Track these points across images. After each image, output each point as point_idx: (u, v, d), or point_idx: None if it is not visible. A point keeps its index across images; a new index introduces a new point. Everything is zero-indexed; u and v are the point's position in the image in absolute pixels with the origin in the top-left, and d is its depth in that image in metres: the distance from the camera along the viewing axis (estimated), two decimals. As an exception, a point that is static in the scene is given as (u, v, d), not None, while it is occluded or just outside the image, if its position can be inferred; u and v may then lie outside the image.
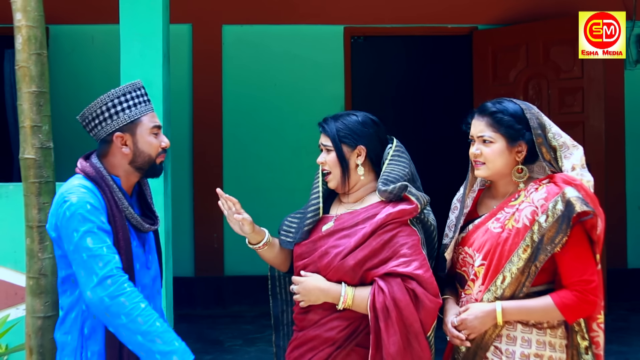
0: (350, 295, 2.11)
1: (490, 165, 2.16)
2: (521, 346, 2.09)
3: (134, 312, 1.98)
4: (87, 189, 2.10)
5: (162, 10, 3.33)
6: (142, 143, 2.17)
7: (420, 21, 6.10)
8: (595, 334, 2.14)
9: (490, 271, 2.11)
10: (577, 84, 5.49)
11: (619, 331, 5.12)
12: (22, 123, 2.37)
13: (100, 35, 5.89)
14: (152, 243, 2.30)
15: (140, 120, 2.17)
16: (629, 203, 6.08)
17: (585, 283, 2.05)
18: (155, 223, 2.26)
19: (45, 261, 2.31)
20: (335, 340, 2.14)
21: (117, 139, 2.16)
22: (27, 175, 2.35)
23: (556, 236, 2.03)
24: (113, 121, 2.15)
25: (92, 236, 2.02)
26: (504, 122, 2.14)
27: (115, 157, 2.18)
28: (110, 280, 1.99)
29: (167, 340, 1.99)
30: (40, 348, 2.33)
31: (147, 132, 2.18)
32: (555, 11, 5.77)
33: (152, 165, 2.21)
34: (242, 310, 5.88)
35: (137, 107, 2.18)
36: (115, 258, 2.04)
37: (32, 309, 2.34)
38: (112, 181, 2.14)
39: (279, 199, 5.73)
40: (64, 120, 5.56)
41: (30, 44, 2.31)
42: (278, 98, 6.08)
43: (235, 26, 6.06)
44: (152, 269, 2.27)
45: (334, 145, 2.23)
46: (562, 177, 2.10)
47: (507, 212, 2.14)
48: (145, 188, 2.30)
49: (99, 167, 2.15)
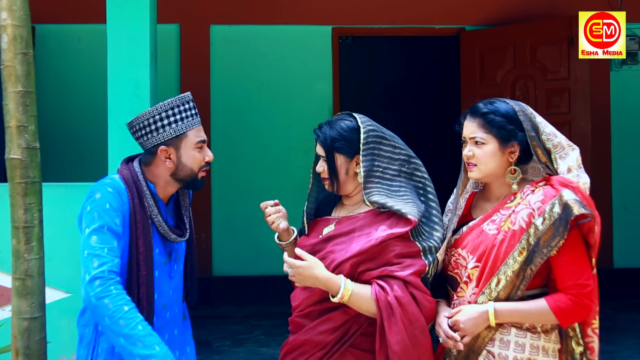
0: (349, 289, 2.07)
1: (483, 167, 2.14)
2: (514, 350, 2.05)
3: (117, 315, 2.00)
4: (115, 189, 2.13)
5: (150, 10, 3.31)
6: (185, 157, 2.20)
7: (408, 22, 6.12)
8: (590, 340, 2.11)
9: (485, 273, 2.08)
10: (563, 84, 5.54)
11: (605, 330, 5.10)
12: (7, 123, 2.35)
13: (87, 35, 5.86)
14: (181, 253, 2.31)
15: (186, 135, 2.20)
16: (615, 203, 6.13)
17: (580, 287, 2.02)
18: (184, 235, 2.27)
19: (32, 262, 2.29)
20: (326, 343, 2.12)
21: (161, 153, 2.18)
22: (13, 176, 2.33)
23: (553, 239, 2.00)
24: (159, 134, 2.18)
25: (99, 235, 2.06)
26: (496, 123, 2.12)
27: (158, 168, 2.21)
28: (99, 281, 2.02)
29: (148, 344, 2.01)
30: (26, 350, 2.31)
31: (191, 146, 2.20)
32: (542, 12, 5.82)
33: (194, 179, 2.23)
34: (231, 311, 5.87)
35: (184, 122, 2.20)
36: (114, 261, 2.05)
37: (18, 310, 2.32)
38: (147, 187, 2.17)
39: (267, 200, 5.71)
40: (51, 120, 5.54)
41: (16, 43, 2.29)
42: (266, 98, 6.08)
43: (223, 26, 6.05)
44: (175, 278, 2.28)
45: (327, 158, 2.21)
46: (558, 180, 2.08)
47: (502, 214, 2.12)
48: (184, 198, 2.32)
49: (135, 172, 2.18)
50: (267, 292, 5.90)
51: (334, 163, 2.21)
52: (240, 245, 5.93)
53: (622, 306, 5.87)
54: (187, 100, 2.23)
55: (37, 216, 2.27)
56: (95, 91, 5.39)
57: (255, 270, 5.96)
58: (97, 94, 4.93)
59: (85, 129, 5.73)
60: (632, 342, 4.96)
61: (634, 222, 6.14)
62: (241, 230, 5.87)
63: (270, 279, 5.51)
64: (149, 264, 2.13)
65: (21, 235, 2.34)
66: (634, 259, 6.14)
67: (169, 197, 2.27)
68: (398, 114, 7.82)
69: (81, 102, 5.90)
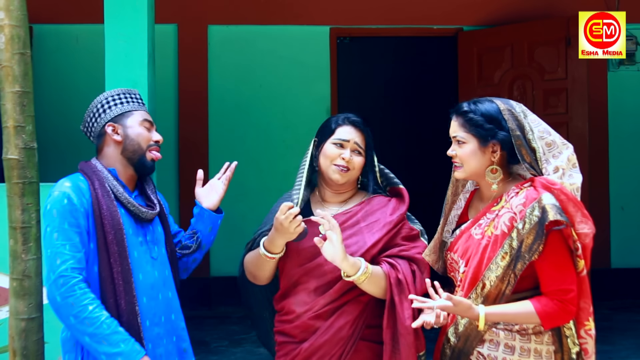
0: (370, 267, 2.12)
1: (466, 167, 2.14)
2: (503, 352, 2.05)
3: (82, 315, 2.03)
4: (74, 183, 2.17)
5: (147, 10, 3.31)
6: (132, 132, 2.26)
7: (406, 22, 6.11)
8: (584, 341, 2.09)
9: (469, 278, 2.08)
10: (561, 85, 5.54)
11: (602, 330, 5.12)
12: (5, 123, 2.34)
13: (84, 35, 5.84)
14: (159, 236, 2.31)
15: (131, 113, 2.29)
16: (612, 203, 6.13)
17: (563, 293, 2.00)
18: (154, 208, 2.29)
19: (29, 262, 2.29)
20: (345, 339, 2.15)
21: (108, 128, 2.26)
22: (11, 176, 2.33)
23: (534, 243, 1.99)
24: (106, 114, 2.28)
25: (59, 232, 2.09)
26: (474, 122, 2.11)
27: (109, 148, 2.27)
28: (62, 280, 2.05)
29: (113, 342, 2.04)
30: (24, 350, 2.31)
31: (137, 123, 2.28)
32: (539, 13, 5.82)
33: (142, 158, 2.26)
34: (229, 311, 5.86)
35: (130, 104, 2.30)
36: (77, 257, 2.07)
37: (15, 310, 2.32)
38: (108, 172, 2.21)
39: (265, 200, 5.65)
40: (48, 120, 5.53)
41: (14, 43, 2.29)
42: (264, 99, 6.07)
43: (221, 26, 6.05)
44: (159, 260, 2.28)
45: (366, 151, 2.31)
46: (541, 182, 2.04)
47: (488, 218, 2.11)
48: (148, 185, 2.35)
49: (93, 163, 2.25)
50: (265, 292, 5.89)
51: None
52: (238, 245, 5.89)
53: (620, 306, 5.87)
54: (134, 92, 2.34)
55: (35, 216, 2.27)
56: (93, 91, 5.32)
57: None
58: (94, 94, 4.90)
59: (83, 129, 5.72)
60: (629, 342, 4.97)
61: (631, 222, 6.15)
62: (239, 231, 5.85)
63: (268, 279, 5.51)
64: (120, 242, 2.13)
65: (19, 235, 2.34)
66: (632, 259, 6.14)
67: (133, 183, 2.30)
68: (396, 114, 7.83)
69: (79, 103, 5.85)
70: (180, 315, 2.35)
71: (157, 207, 2.31)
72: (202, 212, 2.46)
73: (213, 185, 2.53)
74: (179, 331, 2.32)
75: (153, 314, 2.21)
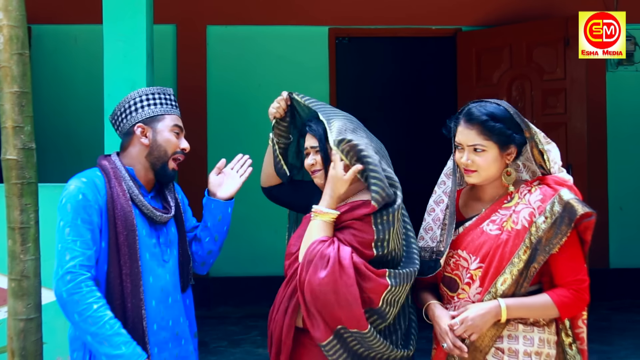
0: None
1: (484, 173, 2.15)
2: (524, 344, 2.10)
3: (86, 313, 2.02)
4: (90, 179, 2.15)
5: (146, 11, 3.31)
6: (161, 137, 2.23)
7: (404, 22, 6.12)
8: (580, 330, 2.18)
9: (491, 273, 2.11)
10: (559, 85, 5.54)
11: (601, 331, 5.17)
12: (4, 124, 2.34)
13: (83, 35, 5.84)
14: (173, 237, 2.29)
15: (163, 117, 2.25)
16: (611, 204, 6.14)
17: (579, 282, 2.10)
18: (169, 211, 2.26)
19: (28, 263, 2.29)
20: None
21: (137, 129, 2.22)
22: (9, 177, 2.32)
23: (554, 237, 2.05)
24: (138, 114, 2.24)
25: (72, 227, 2.08)
26: (496, 130, 2.11)
27: (135, 148, 2.24)
28: (70, 276, 2.04)
29: (114, 344, 2.02)
30: (22, 351, 2.30)
31: (167, 128, 2.25)
32: (538, 13, 5.82)
33: (164, 166, 2.24)
34: (228, 312, 5.87)
35: (163, 107, 2.26)
36: (86, 254, 2.06)
37: (14, 311, 2.32)
38: (126, 171, 2.19)
39: (265, 200, 5.70)
40: (47, 120, 5.53)
41: (12, 43, 2.29)
42: (263, 99, 6.01)
43: (220, 27, 6.05)
44: (170, 262, 2.26)
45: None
46: (553, 179, 2.13)
47: (502, 214, 2.14)
48: (166, 185, 2.32)
49: (113, 160, 2.22)
50: (264, 293, 5.88)
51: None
52: (237, 246, 5.92)
53: (618, 306, 5.88)
54: (169, 92, 2.29)
55: (33, 217, 2.26)
56: (92, 92, 5.37)
57: (252, 271, 5.95)
58: (93, 94, 4.92)
59: (82, 130, 5.72)
60: (628, 342, 4.97)
61: (629, 222, 6.16)
62: (238, 231, 5.85)
63: (267, 279, 5.50)
64: (132, 244, 2.12)
65: (17, 236, 2.33)
66: (630, 259, 6.15)
67: (151, 185, 2.27)
68: (394, 115, 7.84)
69: (77, 103, 5.88)
70: (192, 319, 2.37)
71: (173, 210, 2.28)
72: (209, 202, 2.43)
73: (228, 174, 2.51)
74: (188, 334, 2.32)
75: (161, 318, 2.20)
